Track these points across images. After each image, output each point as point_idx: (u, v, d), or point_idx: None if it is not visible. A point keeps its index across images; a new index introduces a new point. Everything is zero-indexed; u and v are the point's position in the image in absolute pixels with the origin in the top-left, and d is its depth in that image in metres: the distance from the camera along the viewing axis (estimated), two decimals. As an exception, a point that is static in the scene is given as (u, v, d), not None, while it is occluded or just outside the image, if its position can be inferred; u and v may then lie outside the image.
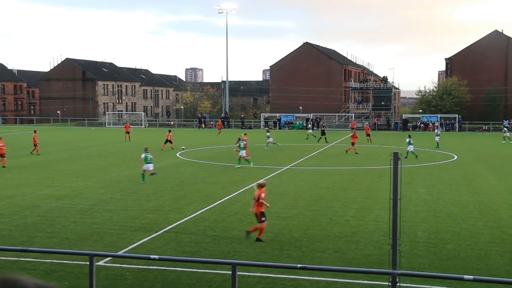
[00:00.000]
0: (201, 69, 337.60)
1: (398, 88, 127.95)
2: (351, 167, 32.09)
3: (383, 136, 62.98)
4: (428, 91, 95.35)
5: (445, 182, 26.11)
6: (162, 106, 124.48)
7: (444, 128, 74.65)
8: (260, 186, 15.03)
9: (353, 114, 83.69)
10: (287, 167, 31.58)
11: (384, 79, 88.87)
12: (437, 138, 45.82)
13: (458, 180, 26.75)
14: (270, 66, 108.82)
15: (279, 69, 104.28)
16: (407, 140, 38.31)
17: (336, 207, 19.59)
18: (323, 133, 51.35)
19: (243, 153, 31.52)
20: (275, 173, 28.90)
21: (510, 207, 19.94)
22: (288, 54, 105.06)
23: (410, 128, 72.77)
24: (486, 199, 21.59)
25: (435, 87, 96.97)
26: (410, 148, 37.44)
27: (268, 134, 46.70)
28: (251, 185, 24.33)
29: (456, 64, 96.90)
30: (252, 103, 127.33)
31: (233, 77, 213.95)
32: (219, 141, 51.50)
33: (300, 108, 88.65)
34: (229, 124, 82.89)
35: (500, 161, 35.34)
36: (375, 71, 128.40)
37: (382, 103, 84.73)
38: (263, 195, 14.90)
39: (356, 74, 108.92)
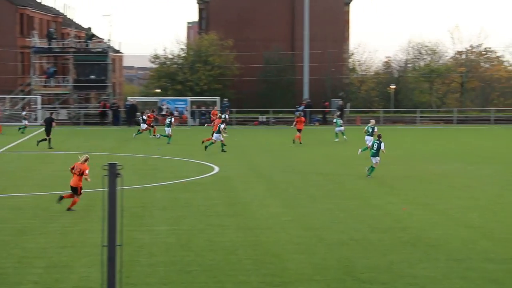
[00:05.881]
0: None
1: (120, 52, 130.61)
2: (34, 192, 31.87)
3: (101, 134, 63.64)
4: (171, 56, 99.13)
5: (199, 211, 27.37)
6: None
7: (197, 121, 78.26)
8: (86, 160, 26.58)
9: (40, 97, 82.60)
10: None
11: (89, 33, 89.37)
12: None
13: (221, 208, 28.29)
14: None
15: None
16: None
17: (7, 267, 19.22)
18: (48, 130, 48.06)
19: None
20: None
21: (298, 249, 21.56)
22: None
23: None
24: (264, 237, 23.08)
25: (183, 49, 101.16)
26: None
27: None
28: None
29: (214, 13, 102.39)
30: None
31: None
32: None
33: None
34: None
35: (284, 175, 37.92)
36: (78, 21, 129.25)
37: (92, 77, 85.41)
38: (87, 171, 26.28)
39: (43, 24, 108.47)
